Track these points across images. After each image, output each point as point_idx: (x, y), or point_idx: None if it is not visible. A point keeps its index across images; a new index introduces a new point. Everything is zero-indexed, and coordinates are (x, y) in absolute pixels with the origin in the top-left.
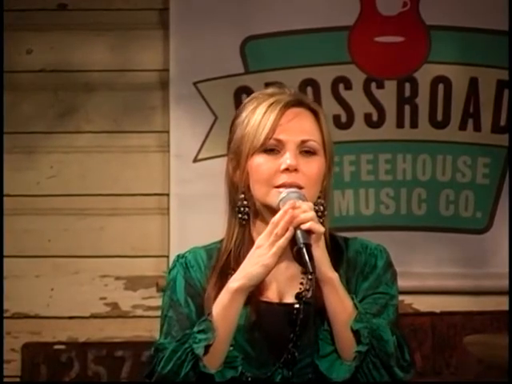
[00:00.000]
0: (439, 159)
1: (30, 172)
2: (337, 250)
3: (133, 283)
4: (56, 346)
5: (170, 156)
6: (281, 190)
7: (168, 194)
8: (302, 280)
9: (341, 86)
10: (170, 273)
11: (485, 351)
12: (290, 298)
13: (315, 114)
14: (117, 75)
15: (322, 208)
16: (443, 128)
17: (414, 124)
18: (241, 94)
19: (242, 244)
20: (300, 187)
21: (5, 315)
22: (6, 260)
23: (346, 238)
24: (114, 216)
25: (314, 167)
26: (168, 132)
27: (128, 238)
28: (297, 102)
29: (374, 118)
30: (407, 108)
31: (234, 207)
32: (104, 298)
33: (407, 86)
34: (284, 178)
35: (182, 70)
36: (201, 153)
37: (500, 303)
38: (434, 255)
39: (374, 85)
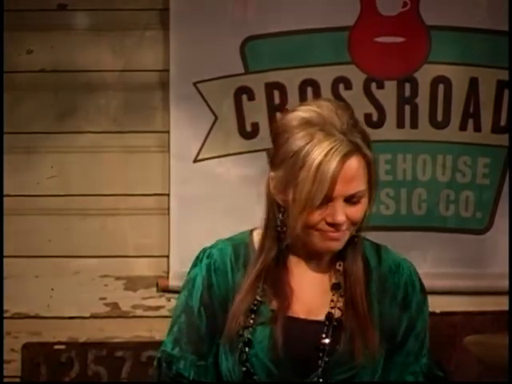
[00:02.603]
0: (439, 159)
1: (29, 172)
2: (365, 259)
3: (133, 283)
4: (56, 346)
5: (170, 156)
6: None
7: (168, 194)
8: (333, 297)
9: (341, 86)
10: (191, 269)
11: (485, 351)
12: (318, 315)
13: (365, 157)
14: (117, 75)
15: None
16: (443, 128)
17: (414, 124)
18: (241, 94)
19: (276, 257)
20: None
21: (5, 315)
22: (6, 260)
23: (377, 245)
24: (114, 216)
25: (359, 213)
26: (168, 132)
27: (128, 238)
28: (353, 151)
29: (374, 118)
30: (407, 108)
31: (272, 219)
32: (104, 298)
33: (407, 86)
34: (330, 230)
35: (182, 70)
36: (201, 153)
37: (500, 303)
38: (434, 255)
39: (373, 85)
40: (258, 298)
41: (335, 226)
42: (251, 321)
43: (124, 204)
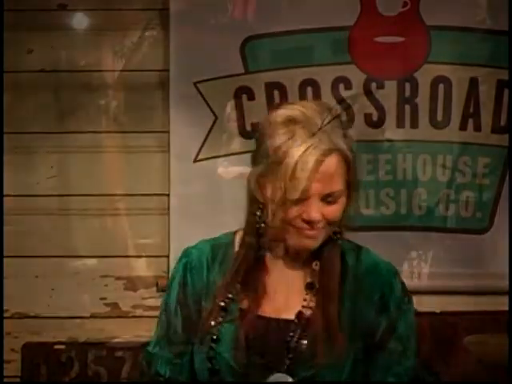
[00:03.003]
0: (439, 159)
1: (30, 172)
2: (343, 260)
3: (133, 283)
4: (56, 346)
5: (170, 156)
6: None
7: (168, 194)
8: (306, 296)
9: (341, 86)
10: (173, 268)
11: (485, 351)
12: (289, 314)
13: (345, 158)
14: (117, 75)
15: (338, 229)
16: (443, 128)
17: (414, 124)
18: (241, 94)
19: (254, 254)
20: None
21: (5, 315)
22: (6, 260)
23: (358, 247)
24: (114, 216)
25: (335, 212)
26: (168, 132)
27: (128, 238)
28: (332, 150)
29: (374, 118)
30: (407, 108)
31: (252, 216)
32: (104, 298)
33: (407, 85)
34: (305, 227)
35: (182, 70)
36: (201, 153)
37: (500, 303)
38: (434, 255)
39: (373, 85)
40: (230, 295)
41: (310, 223)
42: (220, 318)
43: (124, 204)
